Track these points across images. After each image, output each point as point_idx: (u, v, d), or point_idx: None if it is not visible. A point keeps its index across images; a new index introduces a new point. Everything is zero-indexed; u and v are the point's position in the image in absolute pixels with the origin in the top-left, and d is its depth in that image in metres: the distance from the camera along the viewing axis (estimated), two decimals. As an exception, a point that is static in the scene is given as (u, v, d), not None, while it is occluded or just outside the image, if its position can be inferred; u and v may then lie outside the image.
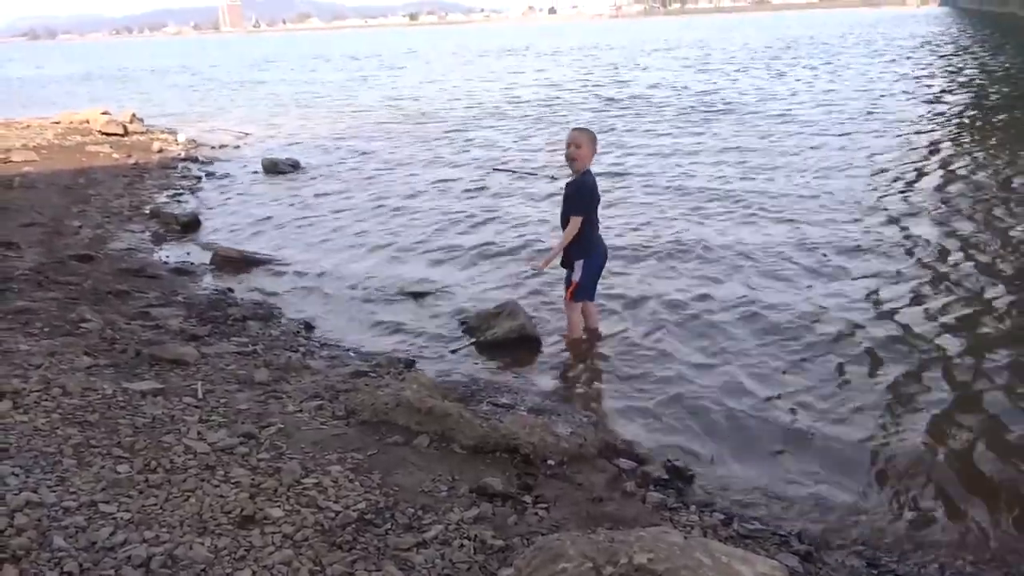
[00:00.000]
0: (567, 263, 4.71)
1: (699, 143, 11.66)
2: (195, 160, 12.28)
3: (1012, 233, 6.46)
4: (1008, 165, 9.03)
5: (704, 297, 5.42)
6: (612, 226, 6.92)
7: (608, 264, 4.94)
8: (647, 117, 14.90)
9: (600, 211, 4.76)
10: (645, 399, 4.10)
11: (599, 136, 4.83)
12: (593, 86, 21.63)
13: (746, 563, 1.90)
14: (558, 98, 19.12)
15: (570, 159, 4.56)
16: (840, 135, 11.60)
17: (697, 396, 4.09)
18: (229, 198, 9.63)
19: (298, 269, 6.66)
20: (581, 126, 4.77)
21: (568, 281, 4.73)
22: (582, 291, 4.73)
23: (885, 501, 3.16)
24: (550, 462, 3.17)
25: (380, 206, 8.84)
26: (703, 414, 3.91)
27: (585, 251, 4.63)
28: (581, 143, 4.51)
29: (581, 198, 4.55)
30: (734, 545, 2.50)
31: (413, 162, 11.53)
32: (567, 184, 4.66)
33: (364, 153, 12.58)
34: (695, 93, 18.33)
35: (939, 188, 8.24)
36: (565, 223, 4.61)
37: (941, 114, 13.40)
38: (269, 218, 8.54)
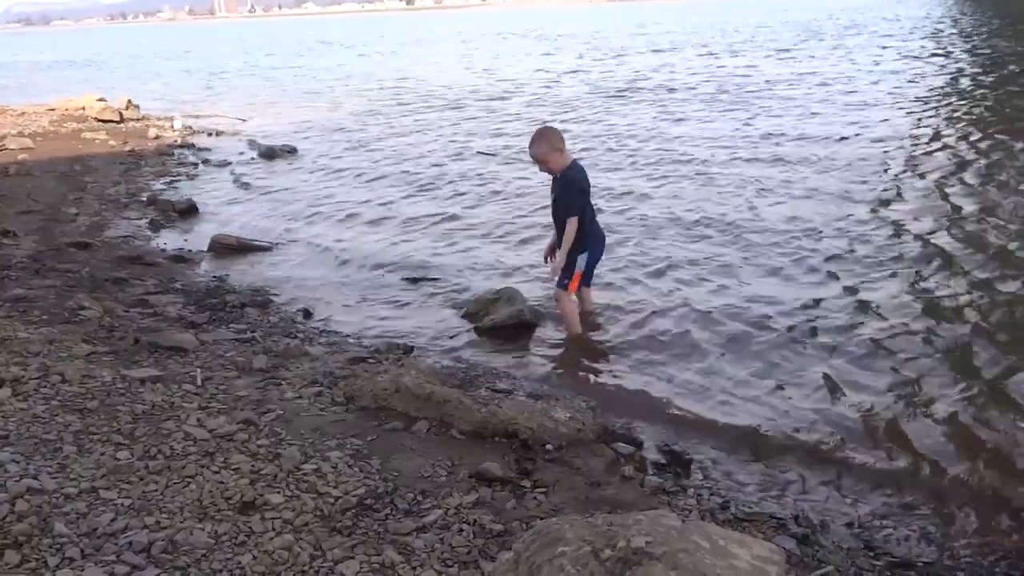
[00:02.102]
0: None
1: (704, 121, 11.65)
2: (192, 147, 12.23)
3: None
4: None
5: (703, 281, 5.42)
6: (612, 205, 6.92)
7: (608, 243, 4.95)
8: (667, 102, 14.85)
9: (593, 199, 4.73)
10: (644, 383, 4.12)
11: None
12: (598, 71, 21.52)
13: (743, 546, 1.90)
14: (558, 82, 19.02)
15: (546, 171, 4.53)
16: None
17: (696, 380, 4.10)
18: (226, 184, 9.61)
19: (296, 255, 6.66)
20: (535, 135, 4.51)
21: (568, 273, 4.58)
22: (585, 280, 4.71)
23: (883, 484, 3.18)
24: (548, 447, 3.18)
25: (377, 192, 8.82)
26: (702, 398, 3.92)
27: (584, 244, 4.57)
28: (544, 157, 4.43)
29: (572, 199, 4.46)
30: (732, 528, 2.51)
31: (411, 147, 11.49)
32: (554, 181, 4.57)
33: (361, 138, 12.54)
34: (710, 78, 18.24)
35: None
36: (559, 221, 4.54)
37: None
38: (266, 204, 8.52)
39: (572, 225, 4.45)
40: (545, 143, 4.44)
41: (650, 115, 12.97)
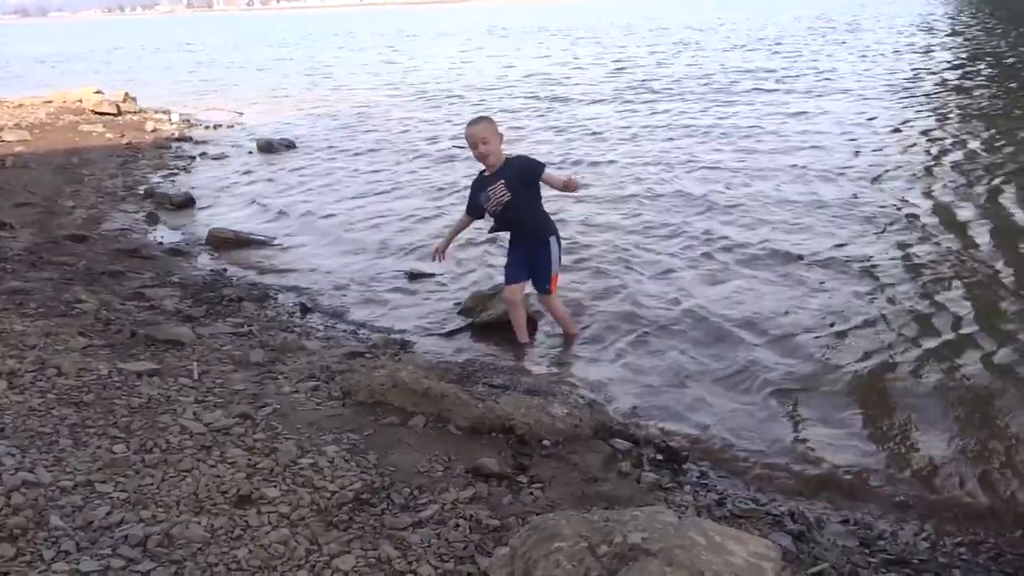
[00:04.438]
0: (535, 240, 4.38)
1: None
2: (189, 140, 12.22)
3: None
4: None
5: (702, 280, 5.42)
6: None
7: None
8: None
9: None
10: (641, 380, 4.12)
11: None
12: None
13: (740, 542, 1.91)
14: (571, 76, 19.00)
15: (482, 157, 4.21)
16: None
17: (693, 376, 4.11)
18: (223, 178, 9.60)
19: (293, 249, 6.65)
20: (475, 117, 4.34)
21: (547, 270, 4.40)
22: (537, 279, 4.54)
23: (878, 481, 3.18)
24: (545, 442, 3.18)
25: (375, 185, 8.81)
26: (699, 394, 3.92)
27: (554, 225, 4.50)
28: (488, 138, 4.15)
29: (534, 168, 4.27)
30: (728, 525, 2.52)
31: (409, 140, 11.48)
32: (485, 180, 4.33)
33: (359, 132, 12.53)
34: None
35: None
36: (531, 211, 4.36)
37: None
38: (264, 197, 8.51)
39: (553, 173, 4.24)
40: (492, 126, 4.22)
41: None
